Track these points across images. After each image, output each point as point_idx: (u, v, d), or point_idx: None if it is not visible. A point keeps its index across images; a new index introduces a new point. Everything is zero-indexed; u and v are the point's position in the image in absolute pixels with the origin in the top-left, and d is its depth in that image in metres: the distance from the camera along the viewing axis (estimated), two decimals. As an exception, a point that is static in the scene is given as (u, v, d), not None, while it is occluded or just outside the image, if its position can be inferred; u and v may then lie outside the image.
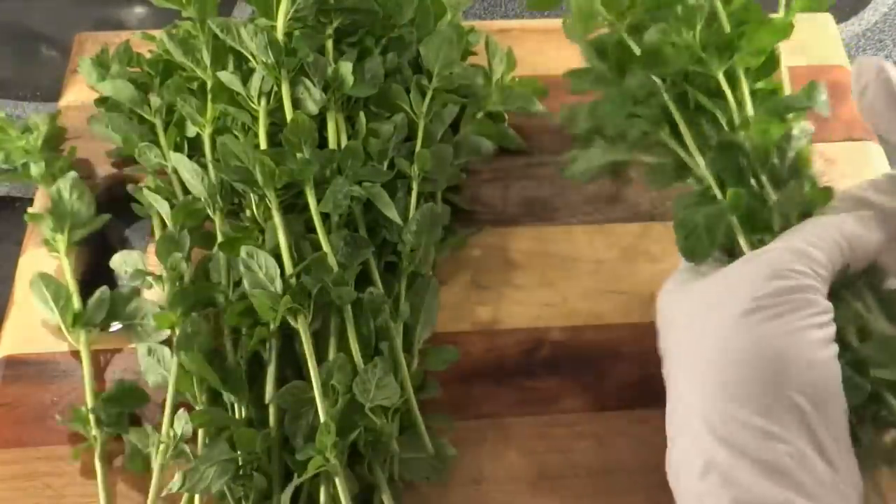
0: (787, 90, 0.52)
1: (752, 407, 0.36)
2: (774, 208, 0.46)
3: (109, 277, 0.57)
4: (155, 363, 0.52)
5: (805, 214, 0.46)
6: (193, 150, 0.59)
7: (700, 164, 0.49)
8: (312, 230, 0.51)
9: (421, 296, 0.53)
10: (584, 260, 0.59)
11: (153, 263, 0.55)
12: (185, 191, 0.56)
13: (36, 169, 0.58)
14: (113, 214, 0.58)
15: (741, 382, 0.37)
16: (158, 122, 0.60)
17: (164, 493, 0.47)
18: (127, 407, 0.51)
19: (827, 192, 0.47)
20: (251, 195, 0.52)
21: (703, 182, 0.49)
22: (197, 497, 0.47)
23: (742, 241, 0.45)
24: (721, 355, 0.38)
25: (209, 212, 0.54)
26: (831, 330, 0.38)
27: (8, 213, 0.65)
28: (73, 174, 0.57)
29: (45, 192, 0.60)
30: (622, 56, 0.53)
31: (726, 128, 0.49)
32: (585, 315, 0.57)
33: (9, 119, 0.62)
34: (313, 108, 0.54)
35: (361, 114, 0.56)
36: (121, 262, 0.56)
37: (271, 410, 0.48)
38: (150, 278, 0.54)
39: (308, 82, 0.54)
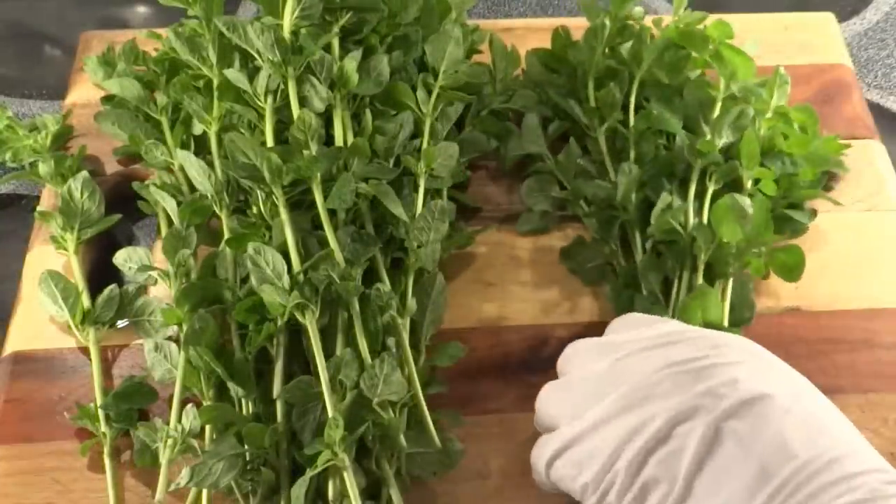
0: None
1: None
2: None
3: (116, 274, 0.57)
4: (162, 359, 0.52)
5: None
6: (200, 147, 0.59)
7: None
8: (319, 227, 0.52)
9: (427, 292, 0.54)
10: (589, 257, 0.59)
11: (159, 260, 0.56)
12: (192, 188, 0.57)
13: (44, 168, 0.59)
14: (120, 212, 0.58)
15: None
16: (164, 120, 0.60)
17: (171, 488, 0.47)
18: (136, 404, 0.51)
19: None
20: (258, 192, 0.52)
21: None
22: (205, 492, 0.47)
23: None
24: None
25: (216, 209, 0.54)
26: None
27: (14, 211, 0.65)
28: (84, 173, 0.58)
29: (52, 190, 0.60)
30: None
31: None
32: (590, 312, 0.57)
33: (15, 117, 0.63)
34: (319, 106, 0.54)
35: (367, 111, 0.56)
36: (125, 258, 0.56)
37: (279, 406, 0.48)
38: (156, 274, 0.54)
39: (314, 80, 0.54)
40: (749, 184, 0.57)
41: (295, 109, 0.53)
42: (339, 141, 0.55)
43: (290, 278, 0.49)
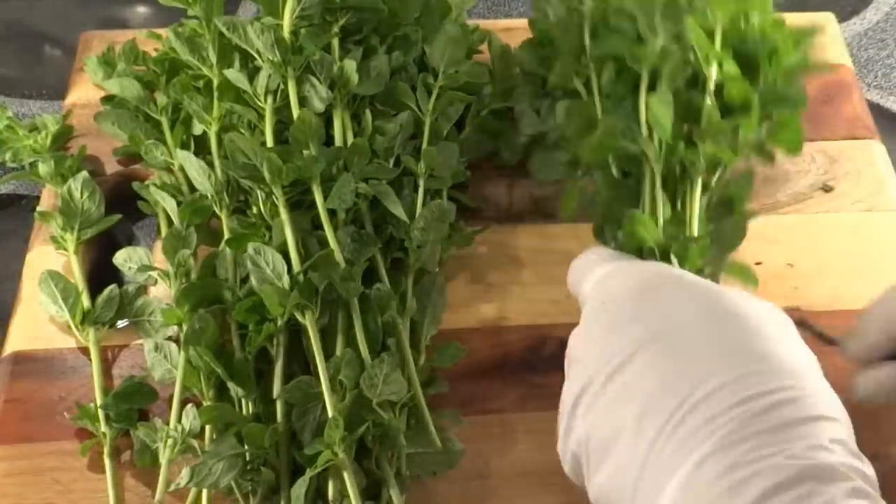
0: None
1: None
2: None
3: (116, 274, 0.57)
4: (162, 359, 0.52)
5: None
6: (200, 147, 0.59)
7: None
8: (319, 227, 0.52)
9: (427, 292, 0.54)
10: (589, 257, 0.59)
11: (159, 260, 0.56)
12: (192, 188, 0.57)
13: (44, 168, 0.59)
14: (120, 212, 0.58)
15: None
16: (165, 121, 0.60)
17: (171, 488, 0.47)
18: (136, 404, 0.51)
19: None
20: (258, 192, 0.53)
21: None
22: (205, 492, 0.47)
23: None
24: None
25: (216, 209, 0.55)
26: None
27: (14, 211, 0.65)
28: (84, 174, 0.58)
29: (52, 190, 0.60)
30: None
31: None
32: (590, 312, 0.57)
33: (15, 117, 0.63)
34: (319, 106, 0.54)
35: (367, 111, 0.56)
36: (125, 258, 0.56)
37: (279, 406, 0.48)
38: (156, 274, 0.54)
39: (314, 80, 0.54)
40: (711, 83, 0.51)
41: (295, 109, 0.53)
42: (339, 141, 0.55)
43: (290, 278, 0.49)
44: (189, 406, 0.49)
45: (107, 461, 0.50)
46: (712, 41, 0.51)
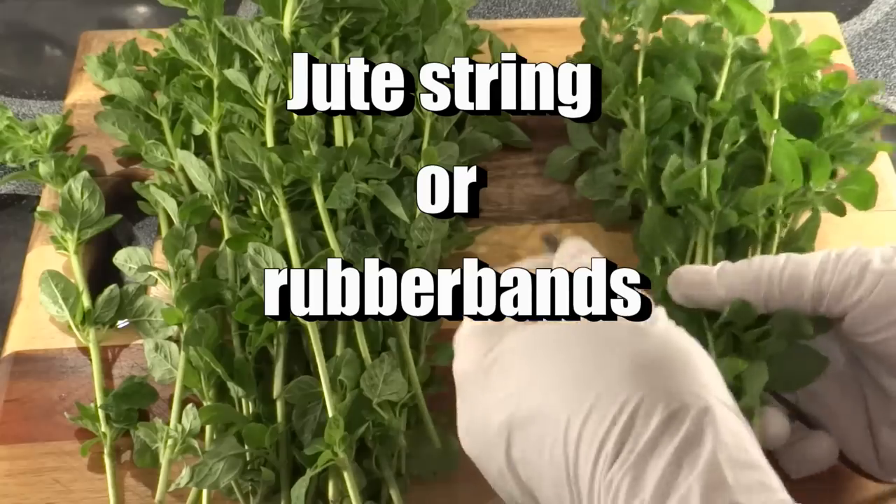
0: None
1: None
2: None
3: (116, 274, 0.57)
4: (162, 359, 0.52)
5: None
6: (200, 147, 0.59)
7: None
8: (319, 227, 0.52)
9: (427, 292, 0.54)
10: (589, 257, 0.59)
11: (159, 260, 0.56)
12: (192, 188, 0.57)
13: (45, 168, 0.59)
14: (120, 212, 0.58)
15: None
16: (165, 120, 0.60)
17: (172, 488, 0.47)
18: (136, 403, 0.51)
19: None
20: (258, 192, 0.52)
21: None
22: (205, 492, 0.47)
23: None
24: None
25: (216, 209, 0.55)
26: None
27: (14, 211, 0.65)
28: (84, 174, 0.58)
29: (52, 190, 0.60)
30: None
31: None
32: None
33: (15, 117, 0.63)
34: (320, 106, 0.54)
35: (368, 111, 0.56)
36: (125, 258, 0.56)
37: (279, 406, 0.48)
38: (156, 274, 0.54)
39: (315, 80, 0.54)
40: (770, 151, 0.55)
41: (295, 109, 0.53)
42: (339, 141, 0.55)
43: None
44: (189, 406, 0.49)
45: (107, 461, 0.50)
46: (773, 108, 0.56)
